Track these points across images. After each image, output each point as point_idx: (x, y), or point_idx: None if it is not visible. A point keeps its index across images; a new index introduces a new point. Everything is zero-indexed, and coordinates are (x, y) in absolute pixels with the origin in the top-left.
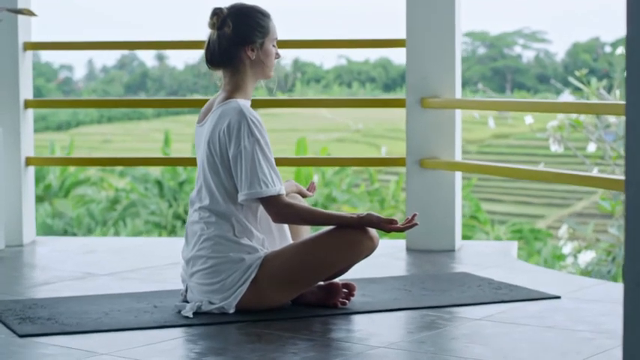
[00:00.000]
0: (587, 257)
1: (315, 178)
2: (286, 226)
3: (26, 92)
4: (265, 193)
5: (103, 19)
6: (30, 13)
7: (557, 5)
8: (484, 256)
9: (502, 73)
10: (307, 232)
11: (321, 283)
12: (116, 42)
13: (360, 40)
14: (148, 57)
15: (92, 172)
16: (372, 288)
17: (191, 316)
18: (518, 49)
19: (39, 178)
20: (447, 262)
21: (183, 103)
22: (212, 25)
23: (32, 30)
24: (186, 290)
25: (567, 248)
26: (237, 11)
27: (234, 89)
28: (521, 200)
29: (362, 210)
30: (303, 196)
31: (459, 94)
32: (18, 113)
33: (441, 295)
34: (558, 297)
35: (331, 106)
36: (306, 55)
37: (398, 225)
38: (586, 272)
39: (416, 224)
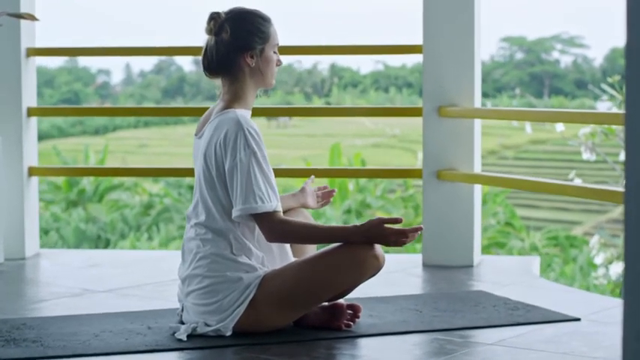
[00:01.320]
0: (618, 268)
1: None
2: (287, 244)
3: (29, 100)
4: (260, 209)
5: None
6: (32, 18)
7: (595, 10)
8: (503, 273)
9: (540, 78)
10: (312, 249)
11: (325, 303)
12: (122, 48)
13: (375, 46)
14: (185, 62)
15: (126, 176)
16: (380, 308)
17: (185, 339)
18: (556, 55)
19: (73, 183)
20: (464, 279)
21: (176, 112)
22: (209, 31)
23: (38, 36)
24: (182, 310)
25: (599, 259)
26: (236, 16)
27: (232, 99)
28: (557, 206)
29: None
30: (312, 205)
31: (478, 102)
32: (20, 121)
33: (453, 317)
34: (578, 319)
35: (345, 114)
36: (343, 60)
37: (404, 228)
38: (618, 284)
39: (420, 228)
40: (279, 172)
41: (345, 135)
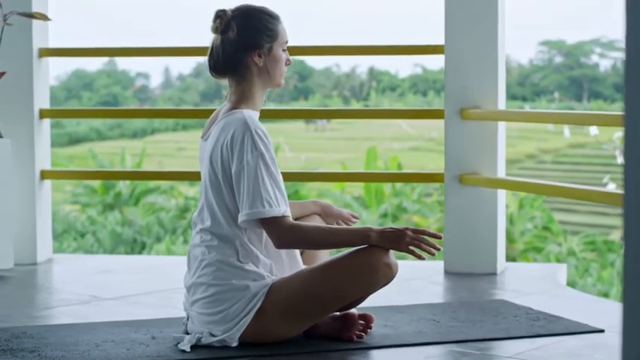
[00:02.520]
0: None
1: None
2: (297, 251)
3: (42, 101)
4: (268, 214)
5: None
6: (44, 17)
7: None
8: (528, 281)
9: (579, 82)
10: (324, 256)
11: (337, 313)
12: (135, 48)
13: (396, 46)
14: None
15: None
16: (396, 318)
17: (188, 350)
18: (595, 58)
19: (109, 186)
20: (486, 288)
21: (183, 114)
22: (215, 29)
23: (56, 38)
24: (187, 320)
25: None
26: (242, 13)
27: (240, 99)
28: (595, 211)
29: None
30: (335, 220)
31: (502, 104)
32: (32, 124)
33: (471, 328)
34: (602, 330)
35: (368, 117)
36: (381, 63)
37: (422, 229)
38: None
39: (439, 236)
40: (311, 177)
41: (382, 138)
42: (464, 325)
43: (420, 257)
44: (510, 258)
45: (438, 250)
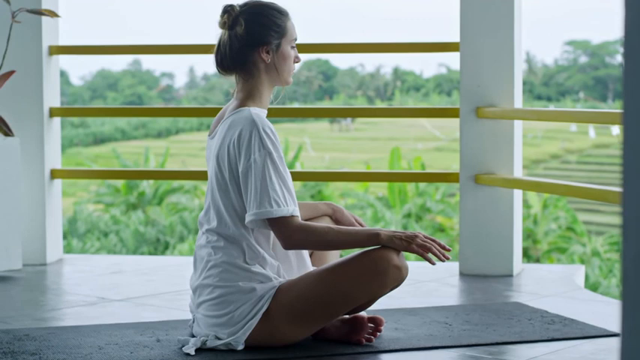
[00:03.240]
0: None
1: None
2: (305, 252)
3: (52, 100)
4: (275, 214)
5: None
6: (52, 14)
7: None
8: (544, 283)
9: (604, 82)
10: (334, 257)
11: (346, 315)
12: (147, 46)
13: (410, 43)
14: None
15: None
16: (407, 321)
17: (192, 353)
18: (620, 58)
19: (133, 186)
20: (501, 290)
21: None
22: (222, 25)
23: (68, 35)
24: (193, 322)
25: None
26: (251, 9)
27: (247, 97)
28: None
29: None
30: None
31: (518, 103)
32: (42, 122)
33: (484, 331)
34: (618, 334)
35: (383, 115)
36: (406, 63)
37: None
38: None
39: (448, 249)
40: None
41: (407, 139)
42: (476, 328)
43: (429, 261)
44: (534, 258)
45: (448, 258)
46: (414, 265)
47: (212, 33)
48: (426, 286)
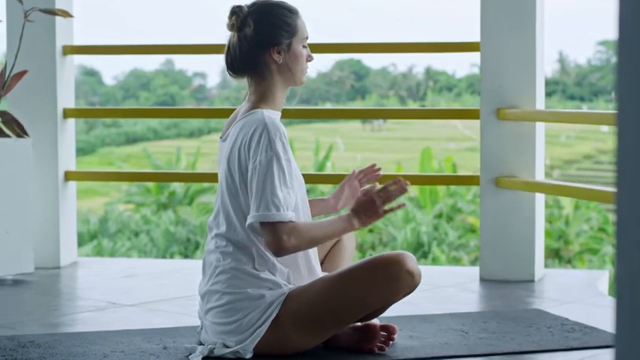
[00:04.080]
0: None
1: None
2: (316, 258)
3: (66, 100)
4: (274, 218)
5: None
6: (66, 14)
7: None
8: (567, 289)
9: None
10: (346, 262)
11: (358, 323)
12: (156, 45)
13: (429, 43)
14: None
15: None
16: (422, 328)
17: None
18: None
19: (163, 186)
20: (522, 296)
21: (198, 113)
22: (231, 27)
23: (83, 35)
24: (202, 329)
25: None
26: (259, 9)
27: (259, 99)
28: None
29: None
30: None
31: (540, 104)
32: (55, 123)
33: (501, 340)
34: None
35: (403, 117)
36: (438, 63)
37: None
38: None
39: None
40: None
41: (438, 139)
42: (494, 336)
43: (400, 207)
44: (565, 259)
45: (407, 183)
46: (434, 270)
47: (222, 33)
48: (445, 291)
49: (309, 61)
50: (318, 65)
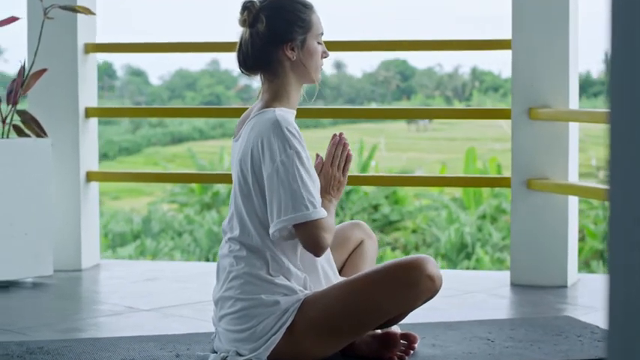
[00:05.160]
0: None
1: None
2: (333, 262)
3: (88, 99)
4: (313, 216)
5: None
6: (87, 12)
7: None
8: (600, 295)
9: None
10: (366, 266)
11: (378, 330)
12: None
13: (459, 40)
14: (326, 65)
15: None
16: (447, 336)
17: None
18: None
19: (207, 186)
20: (553, 302)
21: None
22: (243, 22)
23: (106, 33)
24: (215, 336)
25: None
26: (272, 4)
27: (273, 97)
28: None
29: None
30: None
31: (574, 104)
32: (77, 123)
33: (528, 349)
34: None
35: (432, 117)
36: (484, 64)
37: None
38: None
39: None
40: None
41: (484, 139)
42: (520, 345)
43: (349, 158)
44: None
45: (344, 139)
46: (464, 275)
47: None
48: (474, 297)
49: (325, 57)
50: (364, 65)
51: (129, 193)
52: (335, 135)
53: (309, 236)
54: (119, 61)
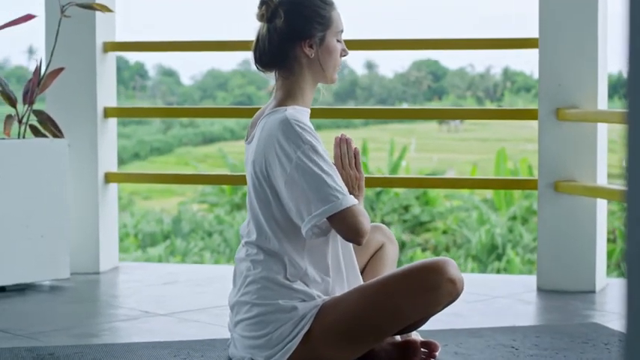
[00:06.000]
0: None
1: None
2: (356, 263)
3: (107, 99)
4: (345, 203)
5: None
6: (105, 9)
7: None
8: None
9: None
10: (391, 267)
11: (398, 337)
12: (201, 42)
13: (484, 39)
14: (358, 65)
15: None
16: (469, 344)
17: None
18: None
19: (237, 187)
20: (581, 308)
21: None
22: (261, 17)
23: (128, 31)
24: (231, 342)
25: None
26: None
27: (286, 95)
28: None
29: None
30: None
31: (603, 104)
32: (95, 123)
33: (553, 357)
34: None
35: (459, 117)
36: (516, 64)
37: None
38: None
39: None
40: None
41: (515, 140)
42: (545, 353)
43: (357, 153)
44: None
45: (348, 139)
46: (489, 280)
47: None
48: (499, 302)
49: (344, 56)
50: (395, 66)
51: (160, 193)
52: (336, 137)
53: (347, 225)
54: (151, 61)
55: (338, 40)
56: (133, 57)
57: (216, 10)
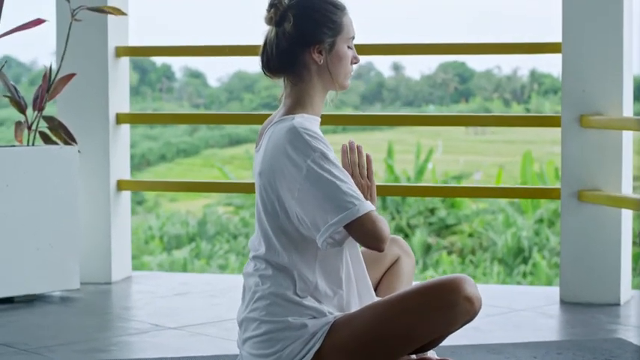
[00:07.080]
0: None
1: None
2: (368, 280)
3: (119, 105)
4: (362, 210)
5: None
6: (117, 12)
7: None
8: None
9: None
10: (407, 283)
11: (413, 356)
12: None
13: (507, 44)
14: (384, 67)
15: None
16: None
17: None
18: None
19: None
20: (605, 322)
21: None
22: (269, 20)
23: (141, 35)
24: None
25: None
26: (301, 2)
27: (295, 103)
28: None
29: None
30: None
31: (628, 111)
32: (107, 129)
33: None
34: None
35: (483, 124)
36: (543, 66)
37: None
38: None
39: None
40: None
41: (543, 142)
42: None
43: (369, 160)
44: None
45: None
46: (512, 291)
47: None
48: (520, 315)
49: (355, 63)
50: (422, 67)
51: (186, 195)
52: (344, 145)
53: (366, 232)
54: (178, 63)
55: (349, 47)
56: (159, 59)
57: (243, 12)
